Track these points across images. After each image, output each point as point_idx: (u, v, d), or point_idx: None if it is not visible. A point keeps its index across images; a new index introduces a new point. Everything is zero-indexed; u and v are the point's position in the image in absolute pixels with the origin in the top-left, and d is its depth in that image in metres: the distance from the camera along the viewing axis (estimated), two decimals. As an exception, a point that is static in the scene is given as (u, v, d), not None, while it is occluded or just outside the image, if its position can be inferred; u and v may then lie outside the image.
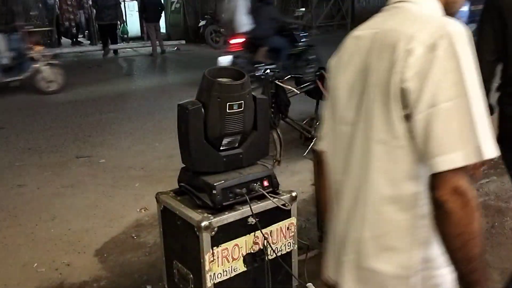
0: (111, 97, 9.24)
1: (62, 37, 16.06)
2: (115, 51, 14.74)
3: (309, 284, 2.99)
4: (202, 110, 2.39)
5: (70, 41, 16.17)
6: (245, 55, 8.01)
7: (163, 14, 16.69)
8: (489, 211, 4.08)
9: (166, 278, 2.79)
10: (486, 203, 4.23)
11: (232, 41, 8.23)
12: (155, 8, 14.37)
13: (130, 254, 3.85)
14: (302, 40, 8.75)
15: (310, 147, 5.06)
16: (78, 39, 16.33)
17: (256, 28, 8.00)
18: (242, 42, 8.07)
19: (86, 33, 16.52)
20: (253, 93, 2.53)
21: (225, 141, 2.50)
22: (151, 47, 14.24)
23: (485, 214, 4.03)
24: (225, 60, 7.83)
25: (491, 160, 3.74)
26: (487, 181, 4.68)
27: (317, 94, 5.16)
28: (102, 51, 14.37)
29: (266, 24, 7.96)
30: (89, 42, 15.99)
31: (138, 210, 4.59)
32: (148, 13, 14.25)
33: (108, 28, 14.45)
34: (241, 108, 2.43)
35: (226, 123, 2.44)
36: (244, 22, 8.08)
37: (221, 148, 2.49)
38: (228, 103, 2.39)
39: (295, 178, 5.04)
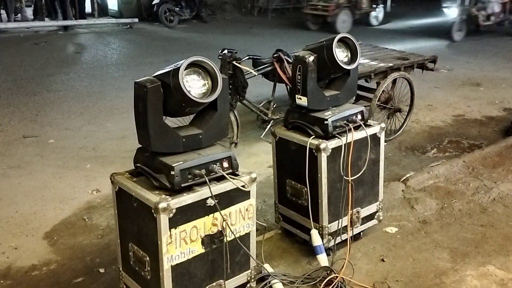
0: (60, 75, 8.86)
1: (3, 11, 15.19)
2: (66, 27, 14.10)
3: (266, 265, 3.01)
4: (161, 89, 2.32)
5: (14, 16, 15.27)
6: None
7: None
8: (438, 193, 4.22)
9: (121, 261, 2.73)
10: (436, 185, 4.36)
11: None
12: None
13: (81, 237, 3.74)
14: None
15: (267, 129, 5.06)
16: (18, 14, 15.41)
17: None
18: None
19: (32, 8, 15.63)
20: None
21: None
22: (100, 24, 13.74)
23: (435, 196, 4.17)
24: None
25: (441, 144, 3.85)
26: (437, 164, 4.83)
27: (274, 76, 5.14)
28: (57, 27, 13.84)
29: None
30: (32, 17, 15.16)
31: (89, 191, 4.45)
32: None
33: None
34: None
35: (181, 114, 2.55)
36: None
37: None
38: (188, 109, 2.45)
39: (251, 160, 5.04)
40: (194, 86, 2.38)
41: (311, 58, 3.08)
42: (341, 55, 3.17)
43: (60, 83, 8.30)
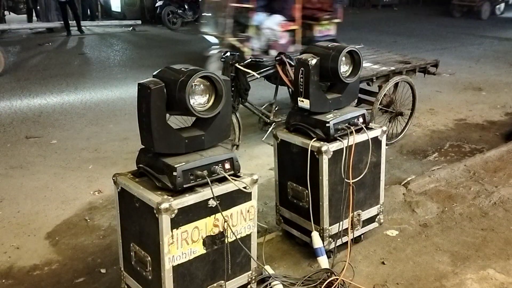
0: (63, 76, 8.91)
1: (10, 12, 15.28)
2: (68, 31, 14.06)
3: (267, 267, 3.02)
4: (165, 90, 2.34)
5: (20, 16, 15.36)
6: None
7: None
8: (439, 197, 4.22)
9: (122, 261, 2.74)
10: (437, 188, 4.37)
11: None
12: None
13: (83, 237, 3.75)
14: None
15: (268, 131, 5.06)
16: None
17: None
18: None
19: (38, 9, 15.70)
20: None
21: None
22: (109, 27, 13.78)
23: (435, 200, 4.17)
24: None
25: (442, 148, 3.85)
26: (438, 168, 4.84)
27: (276, 79, 5.16)
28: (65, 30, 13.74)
29: None
30: (36, 19, 15.22)
31: (91, 192, 4.47)
32: None
33: (66, 5, 13.33)
34: None
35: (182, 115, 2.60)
36: None
37: None
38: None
39: (253, 163, 5.05)
40: (198, 99, 2.43)
41: (314, 61, 3.09)
42: (343, 68, 3.20)
43: (63, 84, 8.34)
